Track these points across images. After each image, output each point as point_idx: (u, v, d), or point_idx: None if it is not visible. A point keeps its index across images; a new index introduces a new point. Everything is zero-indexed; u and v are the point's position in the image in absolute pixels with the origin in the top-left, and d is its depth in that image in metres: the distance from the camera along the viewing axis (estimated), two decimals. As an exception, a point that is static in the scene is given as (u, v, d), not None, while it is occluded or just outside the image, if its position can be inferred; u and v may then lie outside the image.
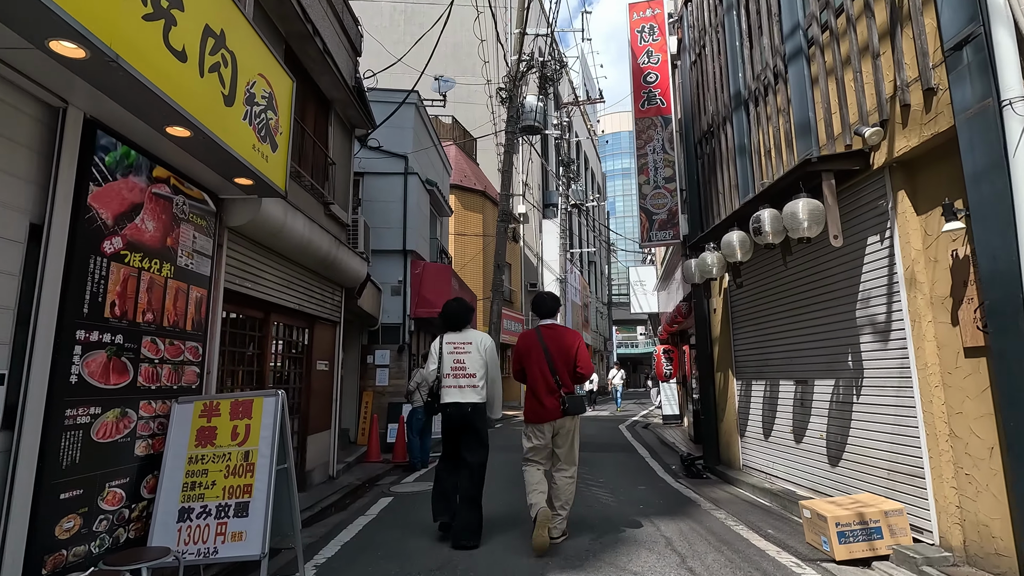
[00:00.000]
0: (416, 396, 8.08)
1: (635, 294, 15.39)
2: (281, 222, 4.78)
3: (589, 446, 9.80)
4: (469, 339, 4.39)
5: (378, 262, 10.59)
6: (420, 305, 10.60)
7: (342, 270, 6.61)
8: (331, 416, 6.94)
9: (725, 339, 7.12)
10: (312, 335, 6.36)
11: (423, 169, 11.80)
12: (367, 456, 8.56)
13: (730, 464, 6.96)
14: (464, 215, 18.61)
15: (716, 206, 7.23)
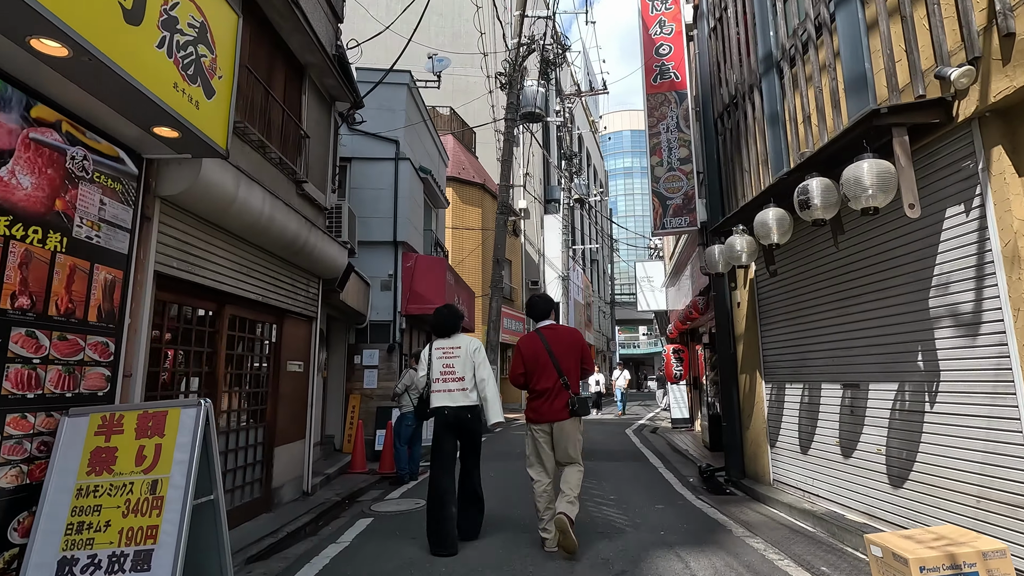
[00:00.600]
0: (404, 400, 7.28)
1: (642, 291, 14.58)
2: (231, 194, 3.97)
3: (596, 454, 8.99)
4: (458, 344, 4.44)
5: (366, 254, 9.79)
6: (412, 301, 9.80)
7: (317, 258, 5.80)
8: (306, 424, 6.13)
9: (751, 336, 6.30)
10: (281, 331, 5.55)
11: (417, 156, 10.99)
12: (351, 466, 7.75)
13: (757, 478, 6.14)
14: (462, 209, 17.81)
15: (741, 186, 6.41)
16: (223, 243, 4.35)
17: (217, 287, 4.30)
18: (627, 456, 9.07)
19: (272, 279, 5.21)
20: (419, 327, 11.39)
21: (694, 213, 7.57)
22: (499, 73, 14.25)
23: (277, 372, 5.44)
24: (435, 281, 9.91)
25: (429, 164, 11.66)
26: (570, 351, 4.14)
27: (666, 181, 7.78)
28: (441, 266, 10.04)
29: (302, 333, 6.05)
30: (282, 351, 5.54)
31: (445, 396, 4.28)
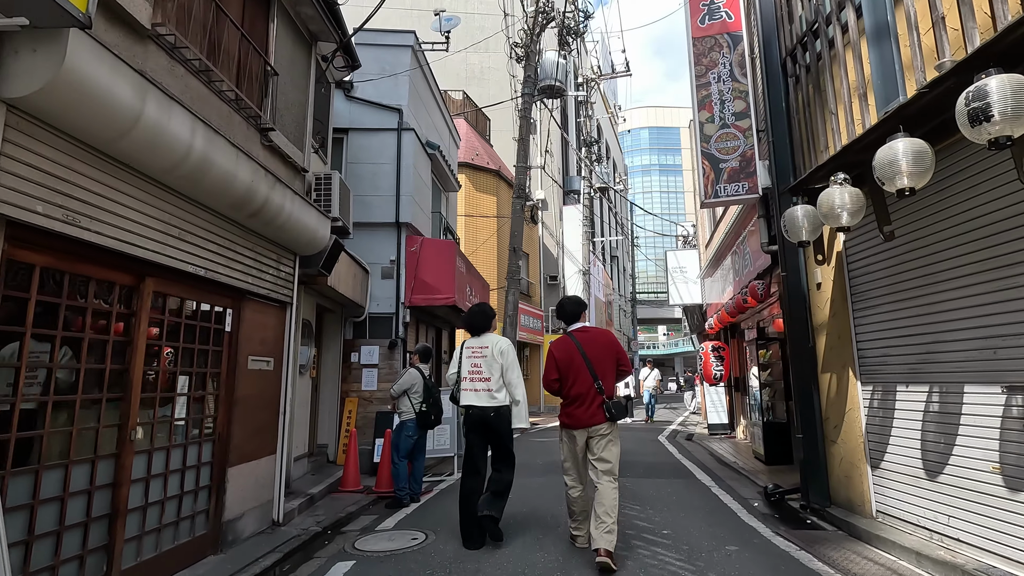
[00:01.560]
0: (404, 404, 6.04)
1: (674, 283, 13.19)
2: (130, 109, 2.75)
3: (633, 468, 7.65)
4: (486, 343, 4.41)
5: (365, 238, 8.58)
6: (417, 291, 8.56)
7: (288, 226, 4.57)
8: (277, 435, 4.90)
9: (840, 325, 4.93)
10: (239, 319, 4.34)
11: (423, 129, 9.77)
12: (342, 483, 6.52)
13: (851, 507, 4.76)
14: (475, 197, 16.58)
15: (824, 134, 5.05)
16: (137, 190, 3.13)
17: (130, 251, 3.09)
18: (669, 471, 7.71)
19: (223, 249, 3.99)
20: (426, 321, 10.15)
21: (753, 178, 6.21)
22: (514, 44, 13.00)
23: (233, 370, 4.22)
24: (443, 268, 8.66)
25: (437, 140, 10.43)
26: (605, 353, 4.00)
27: (718, 140, 6.43)
28: (450, 250, 8.80)
29: (271, 322, 4.83)
30: (240, 343, 4.32)
31: (472, 395, 4.32)
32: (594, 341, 4.05)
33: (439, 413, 6.17)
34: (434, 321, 10.66)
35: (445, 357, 12.15)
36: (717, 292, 11.09)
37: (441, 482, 7.08)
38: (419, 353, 6.27)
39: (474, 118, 19.42)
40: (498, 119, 21.41)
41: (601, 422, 3.87)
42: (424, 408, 6.00)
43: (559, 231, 21.44)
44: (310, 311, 7.04)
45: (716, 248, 10.50)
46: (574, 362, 3.97)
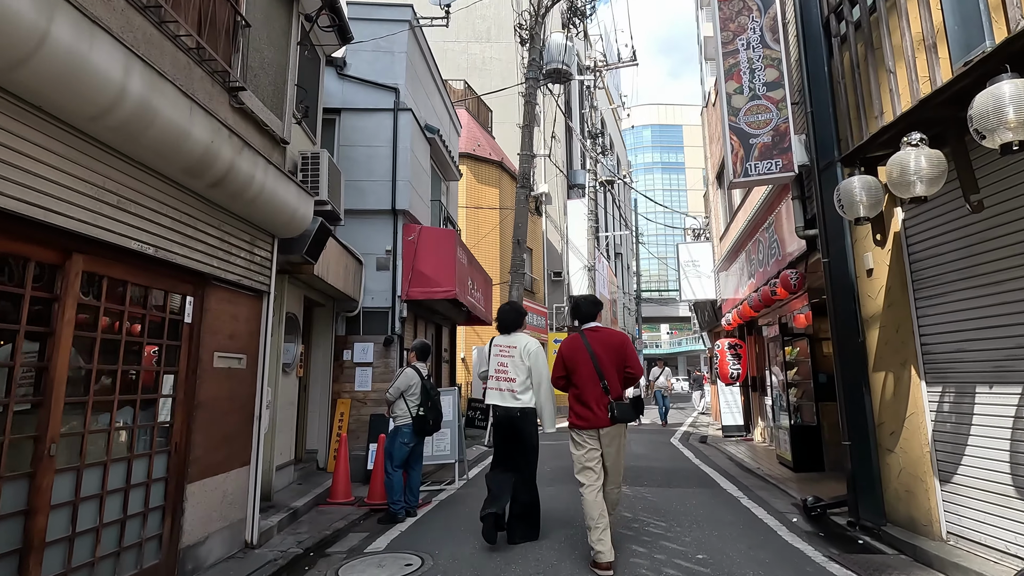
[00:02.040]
0: (399, 408, 5.40)
1: (685, 277, 12.54)
2: (30, 26, 2.11)
3: (651, 476, 7.02)
4: (514, 343, 4.37)
5: (359, 226, 7.95)
6: (415, 283, 7.93)
7: (258, 201, 3.94)
8: (251, 443, 4.27)
9: (897, 317, 4.29)
10: (202, 308, 3.70)
11: (421, 112, 9.13)
12: (331, 494, 5.89)
13: (913, 526, 4.12)
14: (477, 189, 15.94)
15: (880, 97, 4.40)
16: (56, 143, 2.50)
17: (48, 220, 2.46)
18: (689, 479, 7.06)
19: (179, 224, 3.35)
20: (425, 316, 9.52)
21: (788, 154, 5.56)
22: (518, 26, 12.36)
23: (194, 369, 3.59)
24: (443, 258, 8.02)
25: (437, 125, 9.79)
26: (612, 354, 3.94)
27: (748, 113, 5.78)
28: (450, 240, 8.15)
29: (243, 313, 4.19)
30: (203, 337, 3.68)
31: (496, 395, 4.32)
32: (604, 342, 3.99)
33: (438, 418, 5.55)
34: (433, 317, 10.03)
35: (446, 356, 11.53)
36: (733, 286, 10.45)
37: (441, 492, 6.45)
38: (416, 351, 5.63)
39: (475, 109, 18.80)
40: (500, 110, 20.78)
41: (606, 424, 3.83)
42: (421, 412, 5.37)
43: (563, 226, 20.78)
44: (296, 304, 6.41)
45: (734, 239, 9.85)
46: (580, 361, 3.94)
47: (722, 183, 12.23)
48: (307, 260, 5.39)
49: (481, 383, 4.57)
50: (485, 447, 10.62)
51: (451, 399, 7.12)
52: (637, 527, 4.73)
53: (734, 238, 10.01)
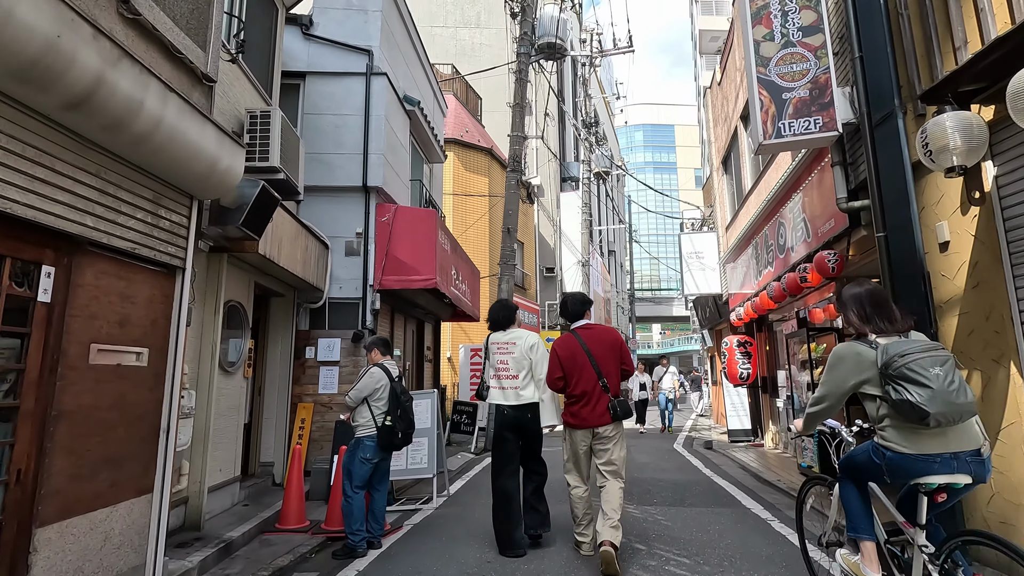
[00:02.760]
0: (362, 415, 4.42)
1: (688, 270, 11.64)
2: None
3: (660, 492, 6.07)
4: (512, 339, 4.26)
5: (325, 206, 6.96)
6: (389, 270, 6.93)
7: (152, 140, 2.92)
8: (154, 465, 3.25)
9: (988, 300, 3.37)
10: (71, 283, 2.69)
11: (400, 82, 8.15)
12: (281, 518, 4.89)
13: (1012, 570, 3.20)
14: (465, 178, 14.96)
15: (963, 23, 3.48)
16: None
17: None
18: (705, 495, 6.12)
19: (22, 161, 2.35)
20: (404, 310, 8.52)
21: (830, 110, 4.64)
22: None
23: (54, 366, 2.58)
24: (422, 242, 7.03)
25: (418, 97, 8.80)
26: (608, 351, 3.91)
27: (781, 63, 4.85)
28: (430, 222, 7.16)
29: (144, 293, 3.18)
30: (72, 323, 2.68)
31: (499, 393, 4.21)
32: (598, 339, 3.96)
33: (409, 427, 4.56)
34: (413, 311, 9.03)
35: (428, 355, 10.53)
36: (744, 278, 9.55)
37: (415, 512, 5.47)
38: (378, 346, 4.65)
39: (464, 95, 17.83)
40: (490, 99, 19.83)
41: (608, 422, 3.80)
42: (388, 422, 4.39)
43: (556, 219, 19.85)
44: (242, 291, 5.40)
45: (745, 227, 8.95)
46: (577, 360, 3.89)
47: (728, 169, 11.35)
48: (247, 234, 4.38)
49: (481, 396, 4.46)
50: (472, 454, 9.65)
51: (429, 403, 6.14)
52: (655, 565, 3.77)
53: (744, 226, 9.11)
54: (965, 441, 2.16)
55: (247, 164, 4.87)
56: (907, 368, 2.13)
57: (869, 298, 2.42)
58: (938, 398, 2.05)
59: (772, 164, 7.49)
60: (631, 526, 4.68)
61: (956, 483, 2.17)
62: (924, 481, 2.18)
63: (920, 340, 2.29)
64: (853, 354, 2.38)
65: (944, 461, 2.14)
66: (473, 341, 13.98)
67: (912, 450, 2.18)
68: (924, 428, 2.13)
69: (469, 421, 10.59)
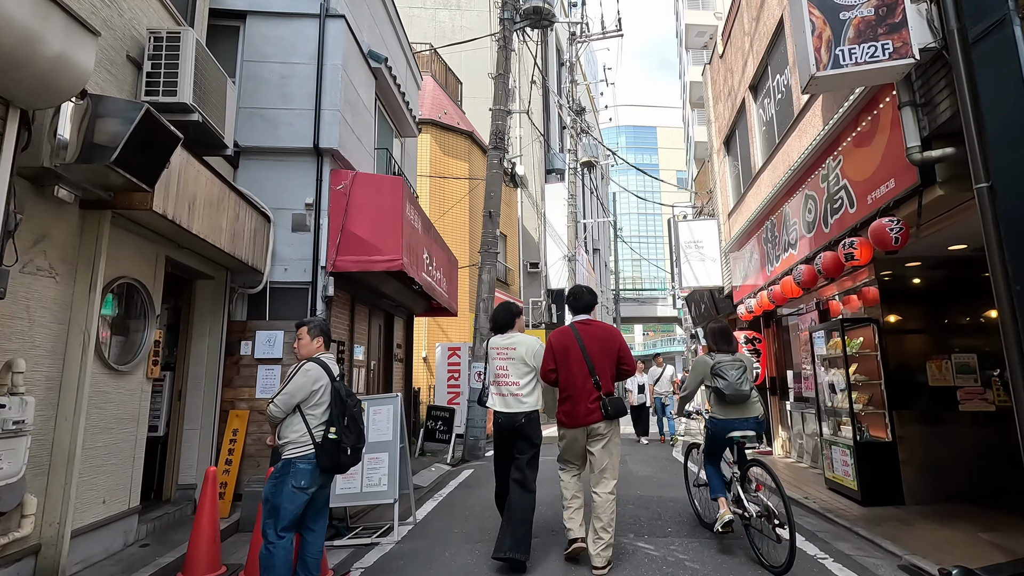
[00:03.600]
0: (292, 429, 3.25)
1: (686, 260, 10.62)
2: None
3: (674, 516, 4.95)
4: (513, 344, 4.04)
5: (269, 171, 5.77)
6: (346, 249, 5.75)
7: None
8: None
9: None
10: None
11: (364, 34, 6.97)
12: (185, 567, 3.67)
13: None
14: (443, 163, 13.80)
15: None
16: None
17: None
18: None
19: None
20: (366, 299, 7.32)
21: (902, 32, 3.61)
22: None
23: None
24: (386, 215, 5.86)
25: (386, 54, 7.62)
26: (604, 349, 3.78)
27: (836, -25, 3.81)
28: (395, 190, 5.98)
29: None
30: None
31: (498, 400, 3.99)
32: (595, 335, 3.84)
33: (359, 441, 3.40)
34: (380, 301, 7.84)
35: (399, 353, 9.35)
36: (749, 268, 8.57)
37: (371, 548, 4.31)
38: (319, 331, 3.47)
39: (443, 78, 16.67)
40: (471, 84, 18.71)
41: (599, 420, 3.68)
42: (332, 435, 3.23)
43: (541, 211, 18.78)
44: (143, 266, 4.17)
45: (756, 210, 7.95)
46: (571, 354, 3.77)
47: (731, 149, 10.37)
48: (132, 182, 3.18)
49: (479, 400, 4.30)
50: (448, 466, 8.50)
51: (390, 410, 4.98)
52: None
53: (754, 209, 8.12)
54: (749, 412, 3.99)
55: (149, 99, 3.69)
56: (720, 369, 3.98)
57: (721, 332, 4.30)
58: (731, 387, 3.91)
59: (794, 131, 6.50)
60: (652, 574, 3.60)
61: (747, 435, 3.92)
62: (732, 435, 3.92)
63: (736, 356, 4.13)
64: (703, 361, 4.19)
65: (739, 422, 3.95)
66: (451, 338, 12.82)
67: (723, 417, 4.00)
68: (727, 404, 3.99)
69: (445, 428, 9.43)
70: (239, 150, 5.75)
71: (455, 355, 11.64)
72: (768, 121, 7.91)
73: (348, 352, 6.66)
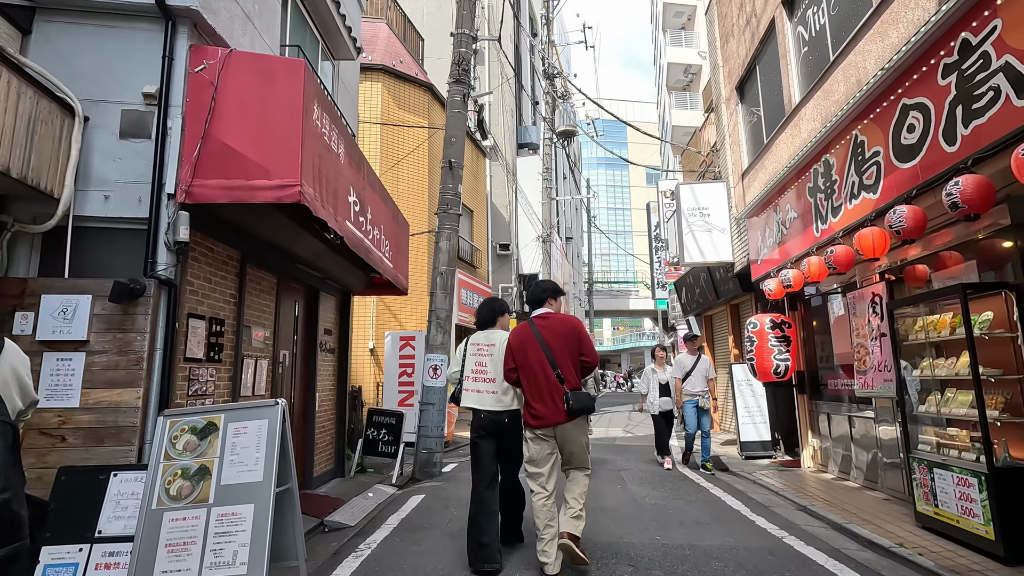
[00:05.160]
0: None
1: (690, 231, 8.76)
2: None
3: None
4: (493, 340, 3.95)
5: (86, 41, 3.56)
6: (208, 168, 3.58)
7: None
8: None
9: None
10: None
11: None
12: None
13: None
14: (398, 117, 11.61)
15: None
16: None
17: None
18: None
19: None
20: (263, 258, 5.00)
21: None
22: None
23: None
24: (277, 117, 3.70)
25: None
26: (565, 341, 3.59)
27: None
28: (292, 80, 3.81)
29: None
30: None
31: (474, 397, 3.88)
32: (554, 328, 3.63)
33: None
34: (293, 269, 5.61)
35: (328, 343, 7.18)
36: (775, 235, 6.76)
37: None
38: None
39: (402, 30, 14.48)
40: (433, 43, 16.56)
41: (562, 419, 3.46)
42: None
43: (511, 190, 16.75)
44: None
45: (798, 156, 6.12)
46: (528, 348, 3.60)
47: (745, 95, 8.56)
48: None
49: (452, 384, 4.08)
50: (394, 488, 6.44)
51: (260, 430, 2.88)
52: None
53: (794, 155, 6.29)
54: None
55: None
56: None
57: None
58: None
59: (869, 31, 4.65)
60: None
61: None
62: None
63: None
64: None
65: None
66: (404, 325, 10.70)
67: None
68: None
69: (390, 437, 7.34)
70: (33, 2, 3.53)
71: (408, 346, 9.52)
72: (813, 38, 6.08)
73: (236, 337, 4.50)
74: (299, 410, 5.96)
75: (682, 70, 32.04)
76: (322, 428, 6.50)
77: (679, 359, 7.71)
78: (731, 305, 10.68)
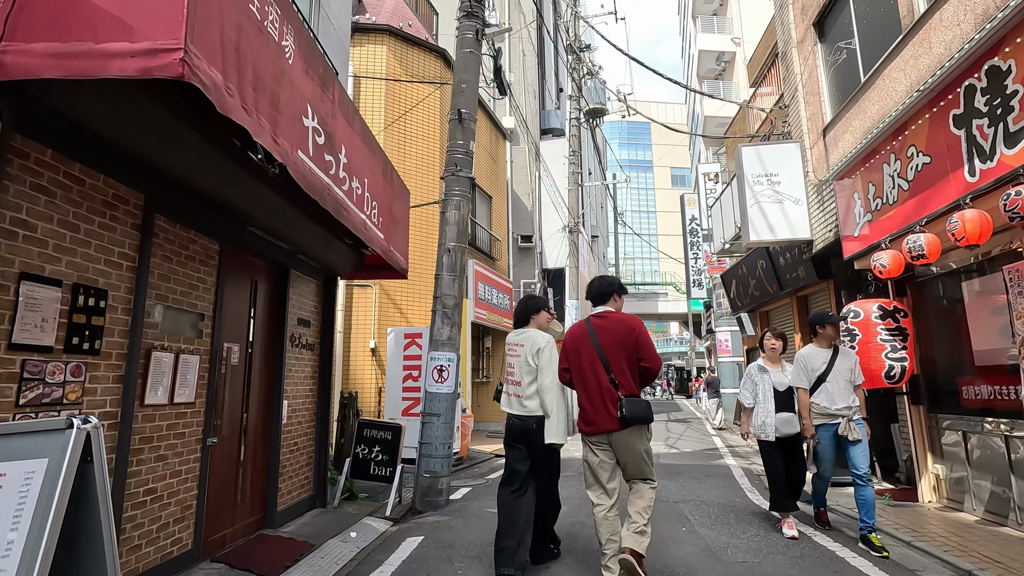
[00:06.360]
0: None
1: (755, 202, 7.11)
2: None
3: None
4: (521, 341, 3.77)
5: None
6: (28, 25, 2.15)
7: None
8: None
9: None
10: None
11: None
12: None
13: None
14: (405, 86, 10.19)
15: None
16: None
17: None
18: None
19: None
20: (184, 208, 3.52)
21: None
22: None
23: None
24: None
25: None
26: (621, 343, 3.30)
27: None
28: None
29: None
30: None
31: (504, 399, 3.83)
32: (610, 329, 3.36)
33: None
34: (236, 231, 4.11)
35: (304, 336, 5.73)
36: (885, 194, 5.09)
37: None
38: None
39: (414, 1, 13.16)
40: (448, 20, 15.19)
41: (616, 428, 3.23)
42: None
43: (534, 175, 15.22)
44: None
45: (956, 58, 4.47)
46: (583, 352, 3.39)
47: (826, 31, 6.89)
48: None
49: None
50: (388, 522, 4.95)
51: (26, 482, 1.38)
52: None
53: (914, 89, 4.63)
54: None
55: None
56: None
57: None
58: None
59: None
60: None
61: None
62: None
63: None
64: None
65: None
66: (412, 322, 9.25)
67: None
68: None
69: (385, 456, 5.84)
70: None
71: (415, 344, 8.07)
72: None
73: (131, 317, 3.05)
74: (256, 422, 4.49)
75: (714, 58, 30.22)
76: (293, 445, 5.04)
77: (803, 355, 4.61)
78: (798, 297, 8.96)
